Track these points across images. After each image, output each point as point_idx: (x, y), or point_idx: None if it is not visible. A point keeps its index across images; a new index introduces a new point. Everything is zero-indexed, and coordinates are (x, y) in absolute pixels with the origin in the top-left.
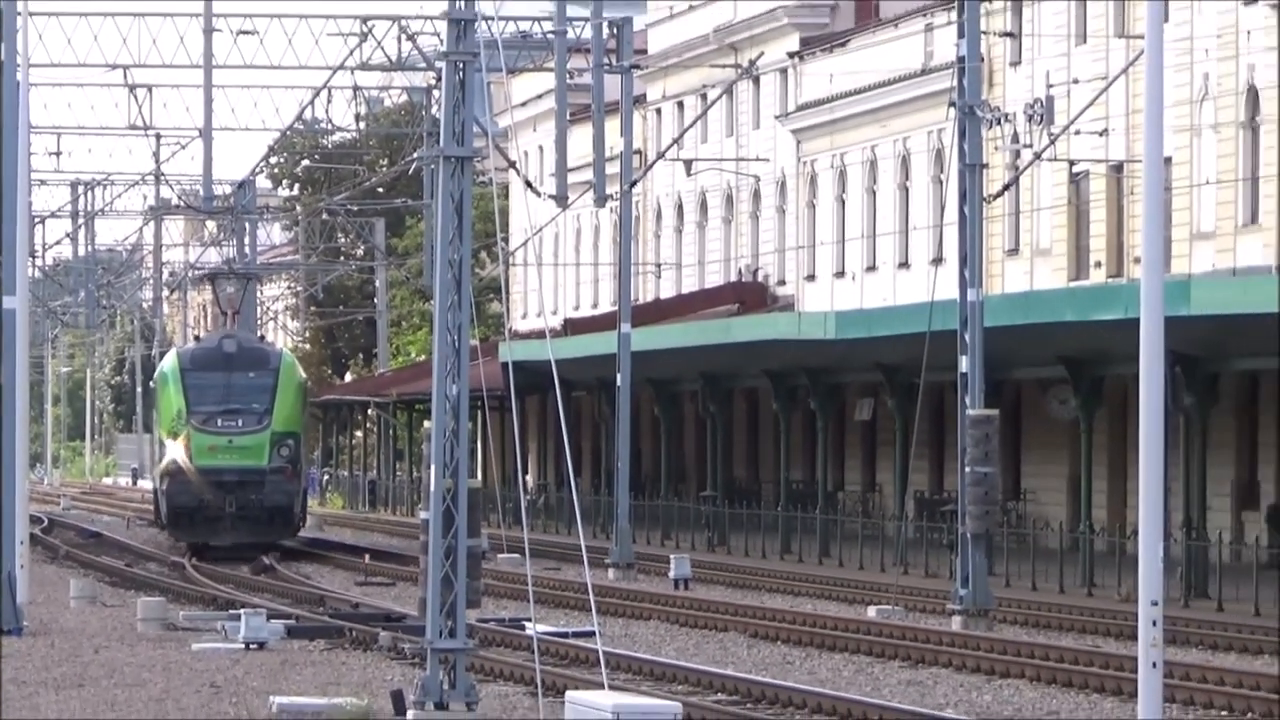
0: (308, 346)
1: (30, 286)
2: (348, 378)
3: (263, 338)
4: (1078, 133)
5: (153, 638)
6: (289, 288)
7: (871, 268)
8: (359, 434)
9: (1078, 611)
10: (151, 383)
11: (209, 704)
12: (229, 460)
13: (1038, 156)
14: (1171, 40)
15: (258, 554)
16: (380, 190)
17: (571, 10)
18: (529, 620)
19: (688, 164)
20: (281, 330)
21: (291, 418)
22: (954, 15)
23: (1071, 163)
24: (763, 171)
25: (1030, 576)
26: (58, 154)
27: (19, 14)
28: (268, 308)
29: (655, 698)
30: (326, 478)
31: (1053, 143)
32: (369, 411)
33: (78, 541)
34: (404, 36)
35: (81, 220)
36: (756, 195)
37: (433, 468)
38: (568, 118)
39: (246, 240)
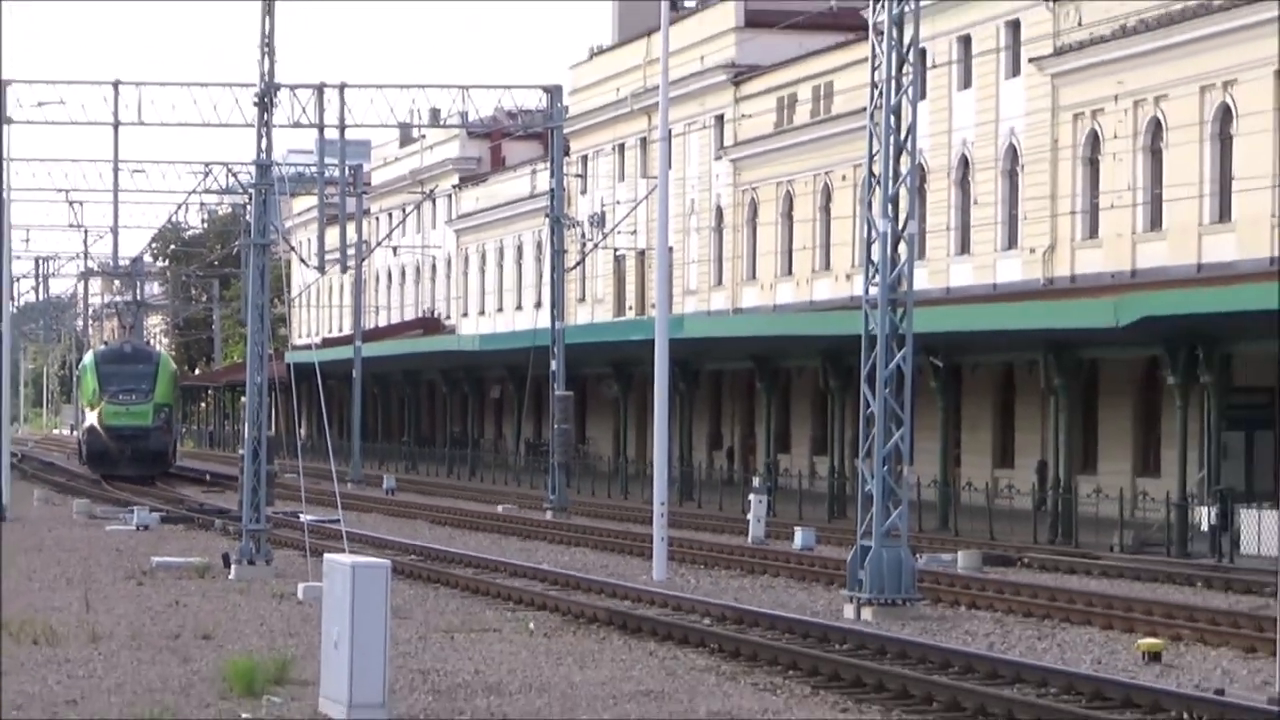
0: (173, 353)
1: (11, 319)
2: (197, 372)
3: (148, 343)
4: (619, 232)
5: (82, 523)
6: (162, 318)
7: (500, 309)
8: (204, 404)
9: (619, 509)
10: (76, 371)
11: (115, 561)
12: (126, 421)
13: (595, 246)
14: (674, 179)
15: (145, 479)
16: (216, 263)
17: (327, 159)
18: (302, 512)
19: (394, 249)
20: (158, 343)
21: (166, 393)
22: (549, 164)
23: (615, 249)
24: (438, 253)
25: (592, 488)
26: (26, 240)
27: (3, 161)
28: (150, 330)
29: (375, 557)
30: (185, 431)
31: (605, 237)
32: (209, 392)
33: (38, 467)
34: (230, 173)
35: (40, 279)
36: (434, 267)
37: (246, 425)
38: (325, 220)
39: (138, 290)
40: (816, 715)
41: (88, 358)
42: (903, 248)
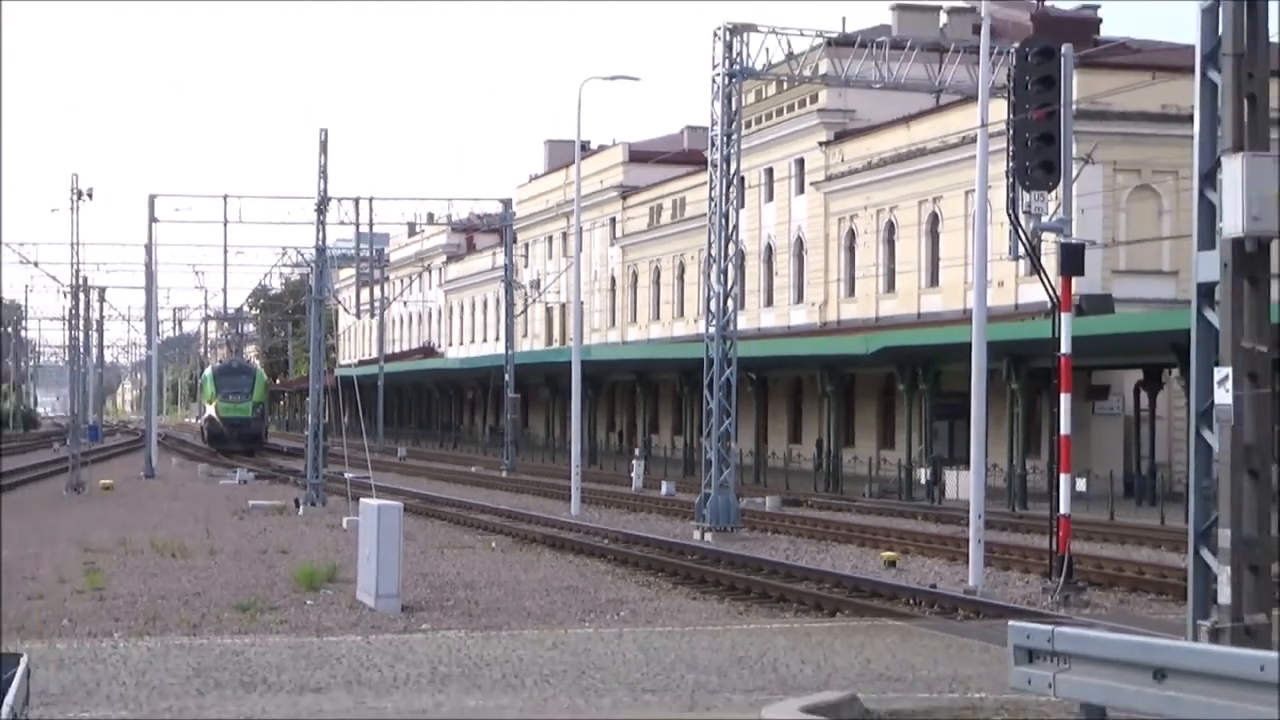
0: (264, 369)
1: (158, 347)
2: (279, 381)
3: (249, 362)
4: (549, 292)
5: (204, 480)
6: (255, 347)
7: (473, 341)
8: (283, 402)
9: (549, 469)
10: (200, 380)
11: (223, 503)
12: (234, 414)
13: (534, 300)
14: (584, 259)
15: (246, 452)
16: (289, 311)
17: (362, 245)
18: (345, 472)
19: (405, 302)
20: (255, 362)
21: (261, 395)
22: (503, 248)
23: (546, 303)
24: (433, 305)
25: (531, 457)
26: (168, 297)
27: (153, 246)
28: (248, 354)
29: (393, 500)
30: (272, 419)
31: (540, 295)
32: (286, 394)
33: (175, 443)
34: (298, 253)
35: (176, 322)
36: (430, 314)
37: (310, 416)
38: (360, 284)
39: (240, 329)
40: (676, 601)
41: (207, 371)
42: (730, 303)
